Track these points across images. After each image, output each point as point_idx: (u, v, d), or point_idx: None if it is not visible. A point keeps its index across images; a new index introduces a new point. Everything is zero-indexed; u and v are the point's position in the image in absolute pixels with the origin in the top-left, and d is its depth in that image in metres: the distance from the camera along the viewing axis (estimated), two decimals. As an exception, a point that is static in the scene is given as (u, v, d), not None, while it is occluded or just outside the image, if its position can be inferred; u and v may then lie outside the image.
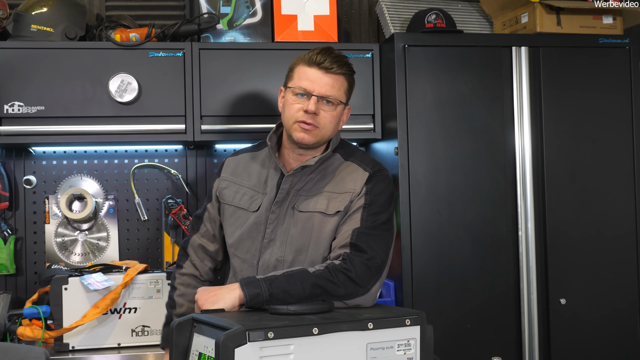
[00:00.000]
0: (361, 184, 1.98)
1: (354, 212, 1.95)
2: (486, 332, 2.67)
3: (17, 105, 2.65)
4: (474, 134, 2.70)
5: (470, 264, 2.67)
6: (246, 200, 2.07)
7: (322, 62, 1.97)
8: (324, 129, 1.99)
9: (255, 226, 2.03)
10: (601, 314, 2.74)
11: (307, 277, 1.80)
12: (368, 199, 1.96)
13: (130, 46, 2.71)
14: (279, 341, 1.50)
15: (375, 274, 1.86)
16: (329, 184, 2.00)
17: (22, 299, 2.89)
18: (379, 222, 1.93)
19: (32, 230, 2.97)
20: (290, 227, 1.98)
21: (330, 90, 1.98)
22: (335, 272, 1.82)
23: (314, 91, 1.96)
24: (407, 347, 1.66)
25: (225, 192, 2.12)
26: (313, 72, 1.98)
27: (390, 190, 2.02)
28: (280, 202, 2.01)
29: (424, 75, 2.68)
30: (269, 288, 1.77)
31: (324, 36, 2.85)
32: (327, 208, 1.96)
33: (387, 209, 1.98)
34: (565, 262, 2.72)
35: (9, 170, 2.94)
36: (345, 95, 2.04)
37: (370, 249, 1.87)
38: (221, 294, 1.79)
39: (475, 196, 2.68)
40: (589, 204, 2.75)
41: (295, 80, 2.00)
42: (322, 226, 1.96)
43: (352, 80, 2.07)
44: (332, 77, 1.98)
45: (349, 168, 2.03)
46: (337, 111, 2.01)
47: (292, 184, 2.02)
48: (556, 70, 2.75)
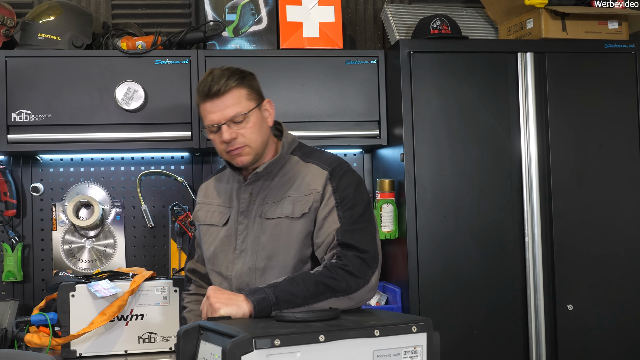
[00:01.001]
0: (322, 183, 1.97)
1: (329, 214, 1.94)
2: (493, 338, 2.67)
3: (24, 113, 2.66)
4: (480, 140, 2.70)
5: (477, 270, 2.67)
6: (216, 217, 2.11)
7: (208, 91, 1.97)
8: (252, 142, 1.99)
9: (226, 239, 2.05)
10: (609, 320, 2.73)
11: (308, 277, 1.83)
12: (338, 197, 1.95)
13: (136, 54, 2.72)
14: (285, 348, 1.50)
15: (371, 265, 1.89)
16: (292, 188, 2.00)
17: (30, 306, 2.90)
18: (357, 216, 1.94)
19: (40, 237, 2.98)
20: (260, 236, 1.99)
21: (231, 109, 1.96)
22: (334, 269, 1.85)
23: (219, 121, 1.97)
24: (413, 354, 1.65)
25: (199, 214, 2.17)
26: (207, 105, 1.98)
27: (355, 180, 2.01)
28: (246, 212, 2.03)
29: (429, 81, 2.68)
30: (274, 292, 1.79)
31: (329, 43, 2.86)
32: (293, 212, 1.96)
33: (360, 200, 1.97)
34: (572, 268, 2.72)
35: (16, 177, 2.96)
36: (248, 100, 2.00)
37: (359, 243, 1.89)
38: (234, 299, 1.80)
39: (482, 202, 2.68)
40: (596, 209, 2.75)
41: (204, 120, 2.02)
42: (291, 230, 1.96)
43: (249, 82, 2.03)
44: (225, 98, 1.96)
45: (308, 169, 2.02)
46: (252, 120, 1.99)
47: (254, 192, 2.04)
48: (562, 76, 2.75)
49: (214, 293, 1.84)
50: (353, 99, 2.82)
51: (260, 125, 2.01)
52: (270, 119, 2.07)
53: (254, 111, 1.99)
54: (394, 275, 2.82)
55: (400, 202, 2.72)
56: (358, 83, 2.82)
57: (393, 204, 2.74)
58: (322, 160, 2.03)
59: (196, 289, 2.26)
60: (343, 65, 2.81)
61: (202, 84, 1.98)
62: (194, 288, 2.27)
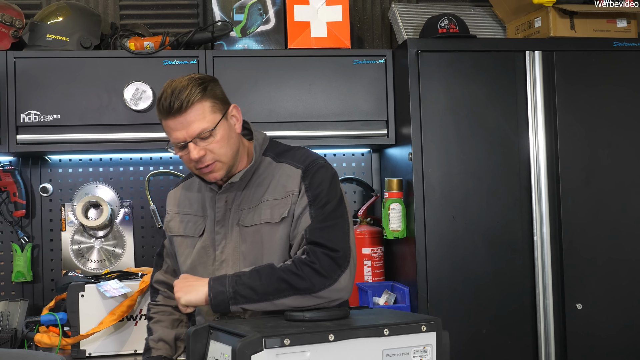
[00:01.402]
0: (297, 183, 1.89)
1: (302, 213, 1.87)
2: (502, 337, 2.66)
3: (33, 114, 2.67)
4: (488, 139, 2.69)
5: (486, 269, 2.66)
6: (191, 227, 2.02)
7: (169, 109, 1.83)
8: (222, 156, 1.88)
9: (203, 251, 1.97)
10: (618, 319, 2.72)
11: (273, 272, 1.79)
12: (310, 195, 1.88)
13: (144, 54, 2.73)
14: (295, 348, 1.50)
15: (341, 264, 1.80)
16: (267, 192, 1.92)
17: (39, 306, 2.91)
18: (328, 212, 1.86)
19: (49, 237, 3.00)
20: (240, 245, 1.92)
21: (196, 126, 1.84)
22: (301, 265, 1.79)
23: (185, 139, 1.85)
24: (423, 353, 1.66)
25: (172, 225, 2.08)
26: (171, 122, 1.85)
27: (329, 176, 1.92)
28: (222, 221, 1.95)
29: (437, 81, 2.68)
30: (233, 285, 1.78)
31: (336, 42, 2.86)
32: (272, 217, 1.89)
33: (333, 196, 1.89)
34: (581, 267, 2.71)
35: (25, 178, 2.97)
36: (213, 113, 1.87)
37: (328, 241, 1.81)
38: (196, 286, 1.83)
39: (490, 201, 2.68)
40: (605, 208, 2.74)
41: (168, 136, 1.90)
42: (272, 236, 1.89)
43: (211, 91, 1.88)
44: (188, 114, 1.83)
45: (281, 170, 1.94)
46: (219, 134, 1.86)
47: (229, 199, 1.96)
48: (570, 75, 2.74)
49: (178, 282, 1.87)
50: (361, 98, 2.82)
51: (229, 136, 1.89)
52: (238, 125, 1.95)
53: (220, 124, 1.87)
54: (403, 275, 2.82)
55: (409, 202, 2.71)
56: (366, 82, 2.82)
57: (401, 203, 2.73)
58: (294, 159, 1.95)
59: (164, 299, 2.16)
60: (351, 64, 2.81)
61: (162, 100, 1.84)
62: (161, 299, 2.17)
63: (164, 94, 1.85)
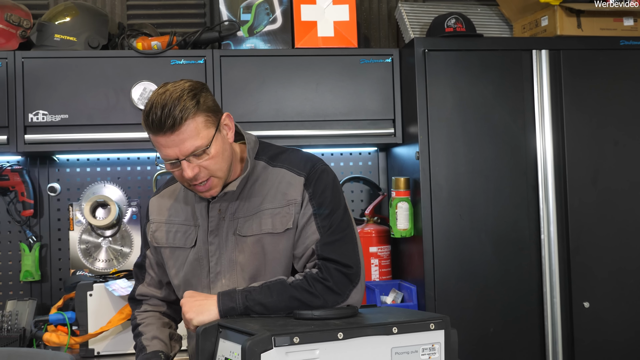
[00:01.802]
0: (299, 191, 1.79)
1: (307, 223, 1.78)
2: (509, 335, 2.66)
3: (41, 113, 2.68)
4: (495, 138, 2.69)
5: (493, 267, 2.67)
6: (180, 238, 1.88)
7: (161, 124, 1.67)
8: (217, 171, 1.75)
9: (197, 263, 1.86)
10: (625, 317, 2.72)
11: (284, 289, 1.72)
12: (315, 204, 1.78)
13: (152, 54, 2.74)
14: (304, 346, 1.50)
15: (353, 280, 1.75)
16: (266, 200, 1.80)
17: (47, 305, 2.92)
18: (336, 223, 1.78)
19: (57, 237, 3.01)
20: (237, 255, 1.81)
21: (190, 143, 1.69)
22: (313, 282, 1.72)
23: (178, 156, 1.70)
24: (431, 351, 1.65)
25: (158, 235, 1.93)
26: (162, 139, 1.69)
27: (331, 181, 1.82)
28: (216, 231, 1.83)
29: (444, 80, 2.68)
30: (244, 302, 1.71)
31: (343, 42, 2.86)
32: (274, 227, 1.78)
33: (338, 203, 1.81)
34: (588, 265, 2.71)
35: (33, 178, 2.98)
36: (207, 129, 1.71)
37: (341, 257, 1.75)
38: (206, 305, 1.73)
39: (497, 200, 2.68)
40: (612, 206, 2.74)
41: (158, 151, 1.75)
42: (275, 246, 1.80)
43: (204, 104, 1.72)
44: (181, 131, 1.67)
45: (280, 176, 1.82)
46: (214, 150, 1.72)
47: (223, 209, 1.82)
48: (577, 73, 2.74)
49: (186, 301, 1.75)
50: (368, 97, 2.82)
51: (223, 150, 1.76)
52: (231, 134, 1.81)
53: (214, 139, 1.72)
54: (410, 274, 2.82)
55: (416, 200, 2.72)
56: (373, 82, 2.82)
57: (409, 202, 2.74)
58: (293, 165, 1.83)
59: (151, 307, 2.01)
60: (358, 64, 2.81)
61: (151, 114, 1.68)
62: (148, 307, 2.01)
63: (154, 109, 1.67)
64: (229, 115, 1.81)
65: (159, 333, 1.95)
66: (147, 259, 1.99)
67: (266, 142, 1.92)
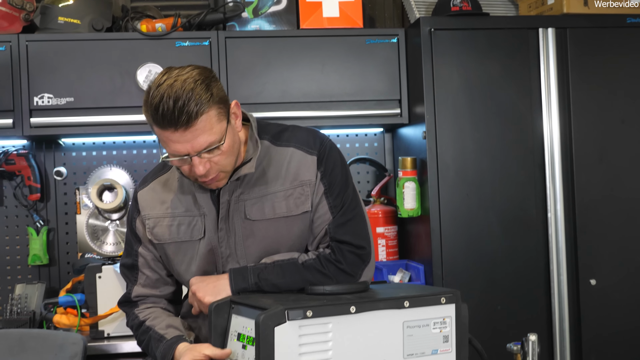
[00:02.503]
0: (313, 171, 1.73)
1: (320, 202, 1.74)
2: (517, 313, 2.67)
3: (47, 97, 2.68)
4: (502, 117, 2.69)
5: (500, 246, 2.67)
6: (184, 230, 1.78)
7: (174, 120, 1.55)
8: (227, 166, 1.67)
9: (209, 254, 1.77)
10: (632, 294, 2.73)
11: (297, 270, 1.70)
12: (326, 182, 1.74)
13: (156, 36, 2.73)
14: (317, 320, 1.51)
15: (365, 260, 1.75)
16: (276, 182, 1.74)
17: (56, 288, 2.94)
18: (347, 203, 1.75)
19: (64, 221, 3.01)
20: (246, 239, 1.75)
21: (204, 139, 1.59)
22: (326, 263, 1.72)
23: (189, 153, 1.60)
24: (442, 325, 1.66)
25: (158, 231, 1.80)
26: (171, 135, 1.58)
27: (339, 158, 1.78)
28: (225, 217, 1.75)
29: (451, 59, 2.67)
30: (256, 281, 1.69)
31: (349, 22, 2.85)
32: (289, 210, 1.73)
33: (347, 182, 1.77)
34: (595, 243, 2.71)
35: (39, 162, 2.99)
36: (220, 122, 1.62)
37: (354, 238, 1.74)
38: (218, 286, 1.70)
39: (504, 179, 2.68)
40: (619, 184, 2.74)
41: (163, 145, 1.65)
42: (289, 230, 1.75)
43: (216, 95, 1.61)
44: (195, 127, 1.57)
45: (289, 156, 1.75)
46: (226, 144, 1.64)
47: (230, 193, 1.74)
48: (584, 51, 2.73)
49: (198, 286, 1.71)
50: (374, 78, 2.82)
51: (234, 142, 1.68)
52: (239, 122, 1.72)
53: (227, 132, 1.64)
54: (417, 253, 2.83)
55: (423, 180, 2.72)
56: (379, 62, 2.81)
57: (415, 181, 2.74)
58: (301, 142, 1.76)
59: (152, 304, 1.88)
60: (363, 44, 2.81)
61: (161, 108, 1.54)
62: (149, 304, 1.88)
63: (164, 102, 1.54)
64: (237, 104, 1.71)
65: (172, 321, 1.81)
66: (140, 257, 1.85)
67: (262, 120, 1.82)
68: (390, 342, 1.58)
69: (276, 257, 1.75)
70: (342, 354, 1.52)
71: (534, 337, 1.67)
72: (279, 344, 1.47)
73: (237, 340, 1.61)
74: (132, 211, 1.86)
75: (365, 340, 1.55)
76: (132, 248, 1.86)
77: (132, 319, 1.86)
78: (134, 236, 1.86)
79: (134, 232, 1.85)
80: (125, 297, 1.89)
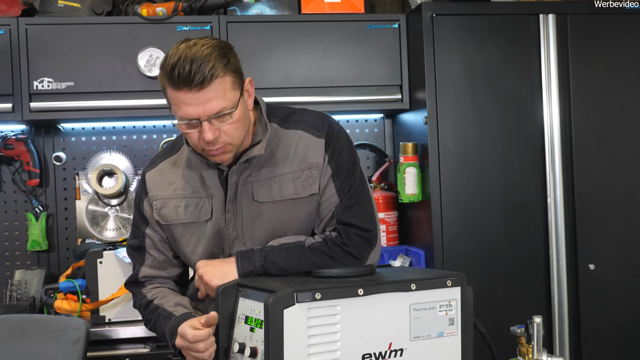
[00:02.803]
0: (321, 154, 1.75)
1: (327, 185, 1.75)
2: (516, 298, 2.69)
3: (46, 81, 2.67)
4: (503, 103, 2.70)
5: (500, 231, 2.69)
6: (191, 212, 1.78)
7: (188, 82, 1.58)
8: (236, 138, 1.67)
9: (216, 235, 1.78)
10: (630, 278, 2.76)
11: (303, 253, 1.71)
12: (333, 165, 1.75)
13: (157, 20, 2.72)
14: (325, 302, 1.51)
15: (371, 243, 1.76)
16: (284, 164, 1.75)
17: (55, 274, 2.93)
18: (355, 186, 1.76)
19: (63, 206, 3.01)
20: (253, 221, 1.76)
21: (216, 104, 1.60)
22: (333, 246, 1.73)
23: (200, 116, 1.61)
24: (448, 307, 1.67)
25: (165, 212, 1.80)
26: (184, 96, 1.59)
27: (346, 142, 1.79)
28: (233, 199, 1.76)
29: (452, 45, 2.68)
30: (263, 264, 1.70)
31: (350, 7, 2.84)
32: (296, 192, 1.74)
33: (354, 165, 1.78)
34: (593, 229, 2.74)
35: (38, 147, 2.97)
36: (234, 90, 1.64)
37: (361, 221, 1.75)
38: (227, 268, 1.70)
39: (505, 164, 2.69)
40: (618, 170, 2.76)
41: (175, 108, 1.64)
42: (296, 212, 1.76)
43: (232, 64, 1.64)
44: (209, 89, 1.59)
45: (297, 138, 1.76)
46: (237, 114, 1.64)
47: (239, 174, 1.75)
48: (584, 38, 2.74)
49: (205, 270, 1.71)
50: (375, 63, 2.82)
51: (244, 116, 1.68)
52: (250, 100, 1.74)
53: (239, 103, 1.65)
54: (418, 239, 2.84)
55: (424, 166, 2.73)
56: (380, 47, 2.82)
57: (416, 167, 2.75)
58: (309, 125, 1.77)
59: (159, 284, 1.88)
60: (365, 29, 2.81)
61: (177, 68, 1.57)
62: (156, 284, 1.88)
63: (180, 62, 1.57)
64: (251, 81, 1.72)
65: (180, 300, 1.81)
66: (147, 238, 1.85)
67: (271, 103, 1.84)
68: (397, 324, 1.59)
69: (283, 240, 1.76)
70: (350, 336, 1.52)
71: (539, 319, 1.68)
72: (288, 326, 1.47)
73: (245, 323, 1.62)
74: (140, 192, 1.86)
75: (373, 322, 1.56)
76: (139, 229, 1.86)
77: (140, 299, 1.86)
78: (141, 217, 1.86)
79: (141, 214, 1.86)
80: (133, 277, 1.89)
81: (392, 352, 1.58)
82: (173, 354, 1.84)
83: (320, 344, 1.50)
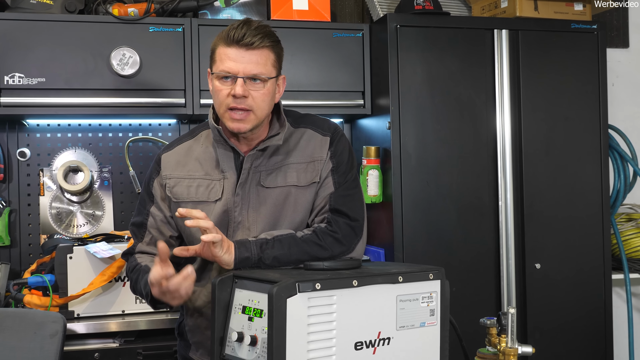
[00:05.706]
0: (325, 150, 1.95)
1: (326, 178, 1.94)
2: (470, 294, 2.87)
3: (17, 76, 2.66)
4: (460, 111, 2.87)
5: (456, 232, 2.86)
6: (203, 192, 1.93)
7: (242, 38, 1.79)
8: (258, 109, 1.84)
9: (224, 215, 1.92)
10: (571, 276, 2.98)
11: (296, 243, 1.85)
12: (334, 161, 1.95)
13: (130, 20, 2.76)
14: (324, 292, 1.62)
15: (358, 233, 1.93)
16: (291, 155, 1.94)
17: (17, 270, 2.91)
18: (349, 182, 1.95)
19: (27, 202, 2.99)
20: (260, 206, 1.91)
21: (256, 67, 1.81)
22: (323, 235, 1.88)
23: (238, 72, 1.80)
24: (429, 299, 1.80)
25: (177, 190, 1.94)
26: (233, 51, 1.80)
27: (347, 145, 2.00)
28: (243, 183, 1.91)
29: (415, 55, 2.83)
30: (259, 253, 1.82)
31: (317, 15, 2.96)
32: (299, 180, 1.92)
33: (353, 165, 1.99)
34: (540, 230, 2.94)
35: (2, 142, 2.95)
36: (274, 68, 1.87)
37: (351, 211, 1.92)
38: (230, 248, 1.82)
39: (461, 169, 2.87)
40: (561, 176, 2.97)
41: (218, 64, 1.83)
42: (297, 199, 1.92)
43: (280, 50, 1.90)
44: (255, 53, 1.81)
45: (305, 135, 1.96)
46: (268, 88, 1.84)
47: (253, 161, 1.92)
48: (533, 53, 2.95)
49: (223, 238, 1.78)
50: (339, 70, 2.94)
51: (272, 96, 1.88)
52: (279, 95, 1.94)
53: (273, 79, 1.86)
54: (377, 238, 2.97)
55: (385, 168, 2.87)
56: (344, 55, 2.94)
57: (379, 169, 2.89)
58: (317, 125, 1.99)
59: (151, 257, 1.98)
60: (330, 37, 2.92)
61: (235, 30, 1.79)
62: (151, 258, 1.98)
63: (240, 25, 1.80)
64: (285, 79, 1.96)
65: None
66: (150, 217, 1.98)
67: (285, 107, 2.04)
68: (385, 314, 1.71)
69: (275, 233, 1.89)
70: (344, 324, 1.63)
71: (513, 310, 1.83)
72: (290, 314, 1.57)
73: (242, 313, 1.70)
74: (152, 172, 2.00)
75: (364, 312, 1.67)
76: (145, 207, 2.00)
77: (130, 262, 1.99)
78: (148, 195, 2.00)
79: (149, 192, 1.99)
80: (129, 250, 2.03)
81: (381, 340, 1.70)
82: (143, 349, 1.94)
83: (319, 332, 1.60)
